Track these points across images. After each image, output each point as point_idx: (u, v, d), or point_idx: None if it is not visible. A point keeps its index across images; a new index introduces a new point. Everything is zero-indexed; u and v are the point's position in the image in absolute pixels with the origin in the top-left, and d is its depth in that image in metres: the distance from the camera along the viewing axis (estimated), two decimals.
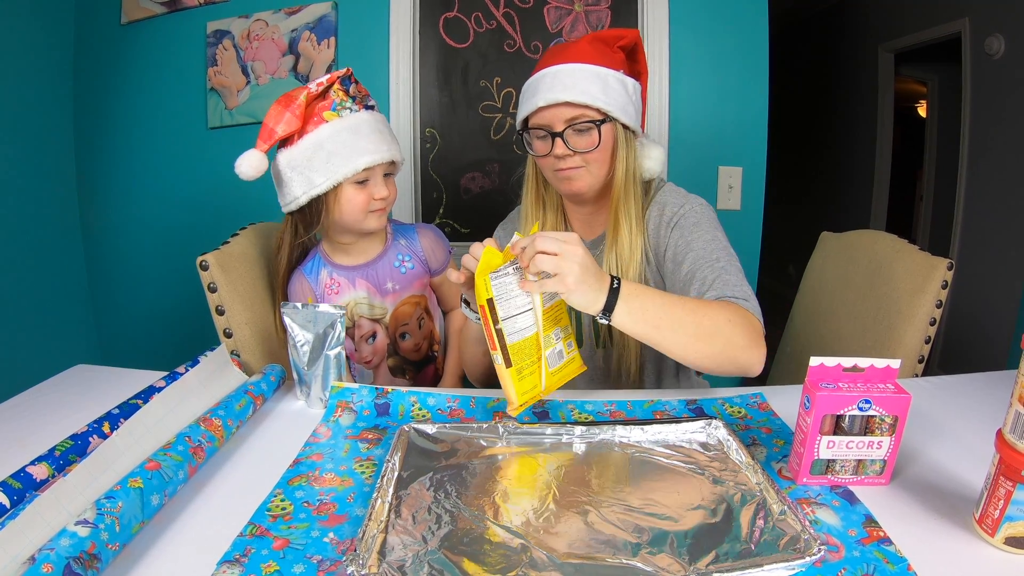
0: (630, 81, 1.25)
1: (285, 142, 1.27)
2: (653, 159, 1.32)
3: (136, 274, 2.72)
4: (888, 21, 4.38)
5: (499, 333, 0.96)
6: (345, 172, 1.24)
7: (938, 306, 1.31)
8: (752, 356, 1.03)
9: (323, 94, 1.27)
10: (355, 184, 1.27)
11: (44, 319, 2.59)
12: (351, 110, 1.27)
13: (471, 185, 2.39)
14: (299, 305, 1.12)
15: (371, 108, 1.32)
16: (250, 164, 1.23)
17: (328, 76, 1.27)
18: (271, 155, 1.28)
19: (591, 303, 0.95)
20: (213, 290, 1.30)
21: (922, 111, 5.33)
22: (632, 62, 1.30)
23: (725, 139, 2.28)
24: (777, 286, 4.54)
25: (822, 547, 0.68)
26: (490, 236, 1.41)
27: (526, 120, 1.26)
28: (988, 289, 3.45)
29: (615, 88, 1.21)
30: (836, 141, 5.27)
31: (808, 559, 0.67)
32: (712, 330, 1.01)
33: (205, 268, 1.29)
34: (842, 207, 5.20)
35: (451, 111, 2.35)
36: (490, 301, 0.95)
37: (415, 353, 1.49)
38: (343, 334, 1.12)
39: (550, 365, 1.04)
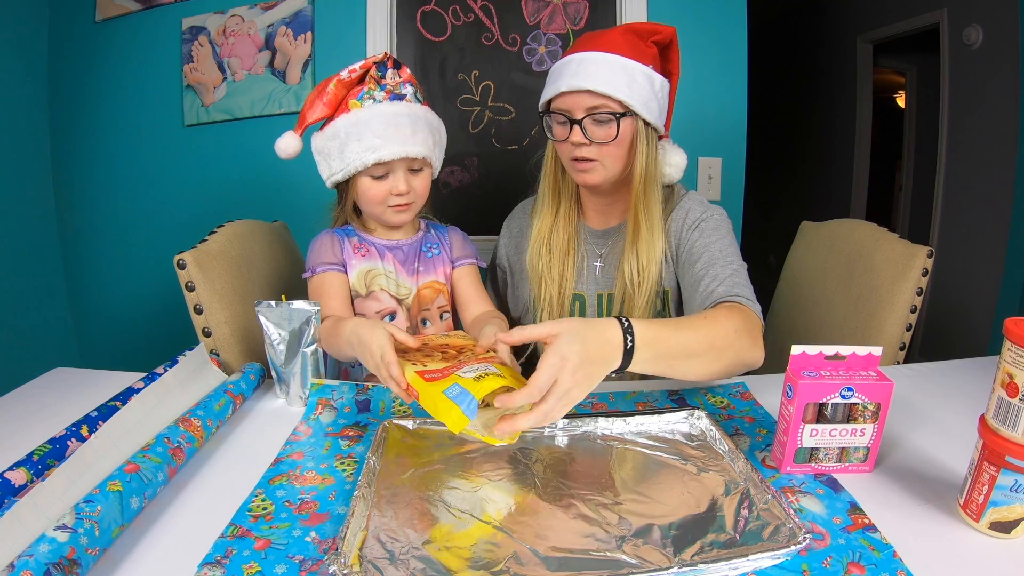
0: (658, 77, 1.23)
1: (324, 124, 1.27)
2: (672, 166, 1.31)
3: (114, 274, 2.69)
4: (866, 12, 4.41)
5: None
6: (356, 165, 1.22)
7: (918, 294, 1.31)
8: (756, 355, 1.05)
9: (361, 79, 1.26)
10: (372, 177, 1.25)
11: (21, 322, 2.55)
12: (374, 100, 1.24)
13: (450, 179, 2.37)
14: (272, 303, 1.10)
15: (401, 98, 1.27)
16: (281, 145, 1.28)
17: (363, 62, 1.25)
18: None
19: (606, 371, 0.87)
20: (191, 289, 1.28)
21: (901, 101, 5.37)
22: (664, 60, 1.28)
23: (705, 130, 2.29)
24: (758, 276, 4.50)
25: (807, 535, 0.68)
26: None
27: (549, 103, 1.26)
28: (967, 277, 3.49)
29: (641, 83, 1.19)
30: (815, 132, 5.30)
31: (793, 547, 0.67)
32: (723, 346, 1.00)
33: (182, 267, 1.28)
34: (822, 197, 5.23)
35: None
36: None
37: None
38: (317, 332, 1.11)
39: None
